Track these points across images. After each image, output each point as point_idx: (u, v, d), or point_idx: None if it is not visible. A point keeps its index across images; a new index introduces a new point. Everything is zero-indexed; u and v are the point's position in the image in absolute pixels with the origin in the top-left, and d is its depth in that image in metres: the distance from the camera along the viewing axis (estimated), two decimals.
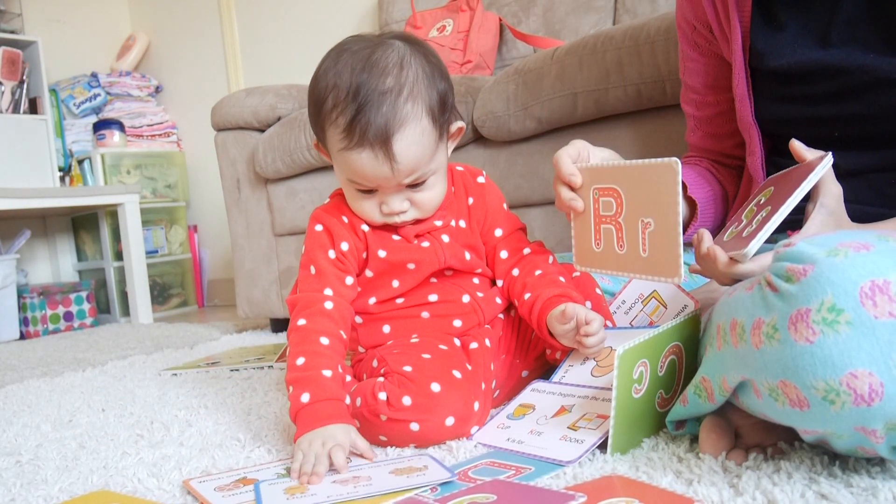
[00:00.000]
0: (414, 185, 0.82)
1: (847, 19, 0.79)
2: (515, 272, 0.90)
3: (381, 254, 0.86)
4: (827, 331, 0.50)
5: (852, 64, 0.78)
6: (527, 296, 0.86)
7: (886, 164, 0.80)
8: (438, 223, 0.88)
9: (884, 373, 0.49)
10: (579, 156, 0.81)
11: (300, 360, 0.77)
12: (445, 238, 0.88)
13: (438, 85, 0.81)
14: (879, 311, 0.49)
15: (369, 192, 0.83)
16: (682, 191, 0.91)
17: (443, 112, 0.81)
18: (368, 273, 0.88)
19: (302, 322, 0.81)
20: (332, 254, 0.86)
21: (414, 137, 0.78)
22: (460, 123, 0.88)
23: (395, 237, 0.87)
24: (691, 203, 0.94)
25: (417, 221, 0.87)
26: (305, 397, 0.75)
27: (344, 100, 0.77)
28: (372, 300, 0.89)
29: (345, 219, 0.87)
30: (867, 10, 0.78)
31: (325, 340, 0.79)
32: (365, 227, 0.87)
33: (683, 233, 0.93)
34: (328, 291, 0.84)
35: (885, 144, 0.80)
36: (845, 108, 0.80)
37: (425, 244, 0.87)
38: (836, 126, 0.81)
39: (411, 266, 0.87)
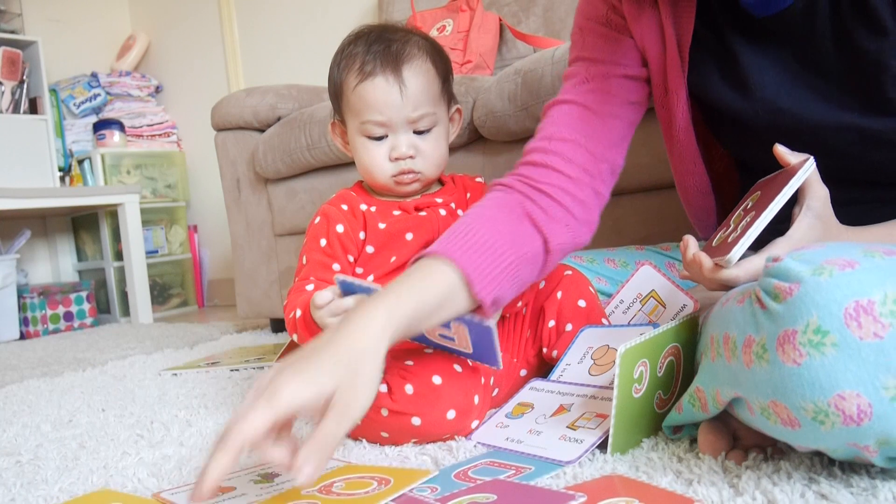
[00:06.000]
0: (420, 133, 0.90)
1: (819, 71, 0.73)
2: None
3: (381, 226, 0.91)
4: (813, 353, 0.50)
5: (833, 120, 0.73)
6: None
7: (867, 198, 0.77)
8: (439, 200, 0.94)
9: (871, 393, 0.48)
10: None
11: (295, 314, 0.84)
12: (443, 212, 0.94)
13: (441, 55, 0.93)
14: (864, 332, 0.48)
15: (380, 139, 0.90)
16: (467, 289, 0.72)
17: (445, 72, 0.92)
18: (369, 249, 0.92)
19: (285, 303, 0.88)
20: (323, 242, 0.90)
21: (421, 70, 0.88)
22: (459, 105, 0.97)
23: (396, 212, 0.92)
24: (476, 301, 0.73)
25: (423, 187, 0.94)
26: (298, 313, 0.83)
27: (361, 52, 0.89)
28: (370, 278, 0.92)
29: (344, 206, 0.93)
30: (839, 66, 0.72)
31: (310, 287, 0.87)
32: (364, 207, 0.92)
33: (486, 320, 0.74)
34: (313, 279, 0.89)
35: (865, 184, 0.77)
36: (819, 159, 0.70)
37: (423, 213, 0.93)
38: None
39: (409, 236, 0.91)
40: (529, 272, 0.79)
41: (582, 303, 0.90)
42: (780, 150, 0.71)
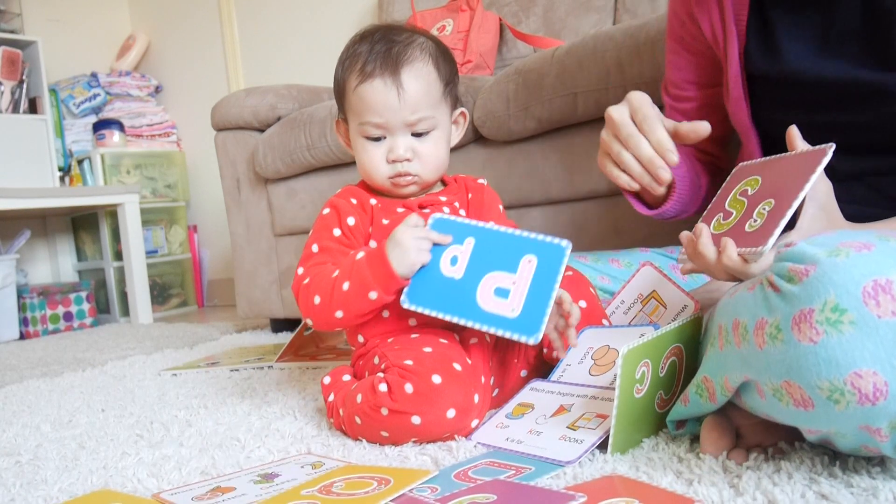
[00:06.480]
0: (418, 135, 0.90)
1: (841, 31, 0.78)
2: None
3: (385, 222, 0.91)
4: (830, 331, 0.50)
5: (846, 76, 0.77)
6: None
7: (886, 168, 0.79)
8: (443, 198, 0.95)
9: (888, 372, 0.49)
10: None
11: (335, 273, 0.85)
12: (446, 210, 0.94)
13: (446, 58, 0.92)
14: (882, 310, 0.49)
15: (378, 140, 0.90)
16: None
17: (448, 75, 0.92)
18: (373, 244, 0.92)
19: (306, 281, 0.87)
20: (336, 232, 0.91)
21: (421, 73, 0.88)
22: (464, 109, 0.97)
23: (400, 209, 0.93)
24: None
25: (422, 189, 0.93)
26: (360, 255, 0.84)
27: (364, 53, 0.89)
28: None
29: (353, 200, 0.94)
30: (862, 22, 0.77)
31: (334, 273, 0.85)
32: (373, 201, 0.93)
33: (660, 206, 0.90)
34: (330, 263, 0.89)
35: (887, 150, 0.79)
36: (841, 117, 0.79)
37: (426, 211, 0.93)
38: (835, 133, 0.79)
39: None
40: (696, 193, 0.93)
41: (582, 303, 0.90)
42: (793, 133, 0.72)
